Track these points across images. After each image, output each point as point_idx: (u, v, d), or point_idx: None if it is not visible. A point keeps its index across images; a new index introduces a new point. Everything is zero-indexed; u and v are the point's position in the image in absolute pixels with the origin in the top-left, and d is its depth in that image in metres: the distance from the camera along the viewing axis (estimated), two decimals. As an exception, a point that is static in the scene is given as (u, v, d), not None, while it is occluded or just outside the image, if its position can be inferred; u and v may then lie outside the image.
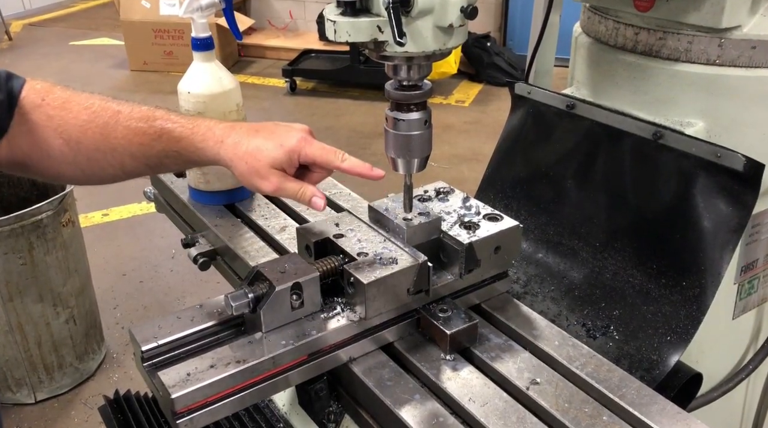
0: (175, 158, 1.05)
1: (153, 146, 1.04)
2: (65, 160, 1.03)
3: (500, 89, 5.61)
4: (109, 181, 1.10)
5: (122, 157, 1.04)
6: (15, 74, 1.03)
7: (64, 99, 1.04)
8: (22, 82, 1.03)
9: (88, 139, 1.03)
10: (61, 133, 1.02)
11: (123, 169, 1.06)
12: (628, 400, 0.93)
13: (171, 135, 1.03)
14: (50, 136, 1.02)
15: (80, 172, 1.06)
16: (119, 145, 1.03)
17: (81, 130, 1.03)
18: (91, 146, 1.03)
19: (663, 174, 1.20)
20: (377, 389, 0.96)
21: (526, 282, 1.33)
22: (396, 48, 0.87)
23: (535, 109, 1.43)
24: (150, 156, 1.04)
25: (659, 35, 1.20)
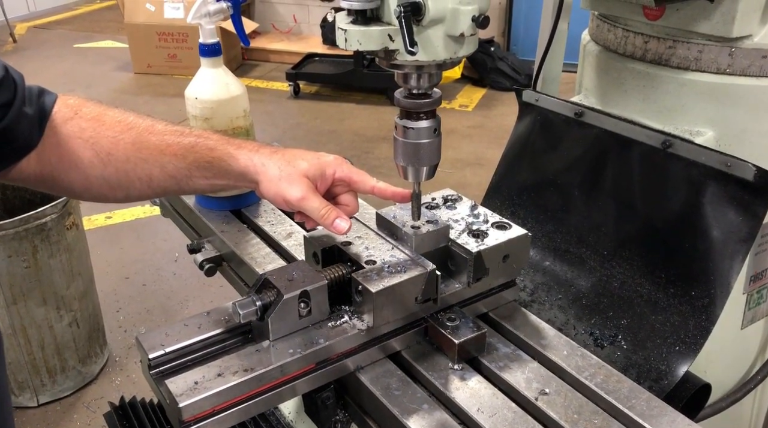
0: (206, 170, 1.04)
1: (185, 157, 1.03)
2: (94, 172, 1.02)
3: (504, 94, 5.62)
4: (134, 196, 1.07)
5: (152, 169, 1.03)
6: (47, 90, 1.02)
7: (98, 112, 1.04)
8: (54, 98, 1.02)
9: (119, 150, 1.02)
10: (93, 144, 1.02)
11: (150, 184, 1.04)
12: (638, 411, 0.92)
13: (206, 144, 1.04)
14: (81, 147, 1.01)
15: (107, 187, 1.04)
16: (150, 156, 1.03)
17: (113, 142, 1.02)
18: (122, 157, 1.02)
19: (672, 183, 1.19)
20: (385, 398, 0.96)
21: (533, 291, 1.32)
22: (407, 57, 0.86)
23: (542, 117, 1.42)
24: (180, 168, 1.03)
25: (669, 44, 1.19)
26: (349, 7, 0.87)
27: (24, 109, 0.95)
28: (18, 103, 0.94)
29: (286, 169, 1.02)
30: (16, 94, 0.94)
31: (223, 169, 1.04)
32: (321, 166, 1.03)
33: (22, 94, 0.95)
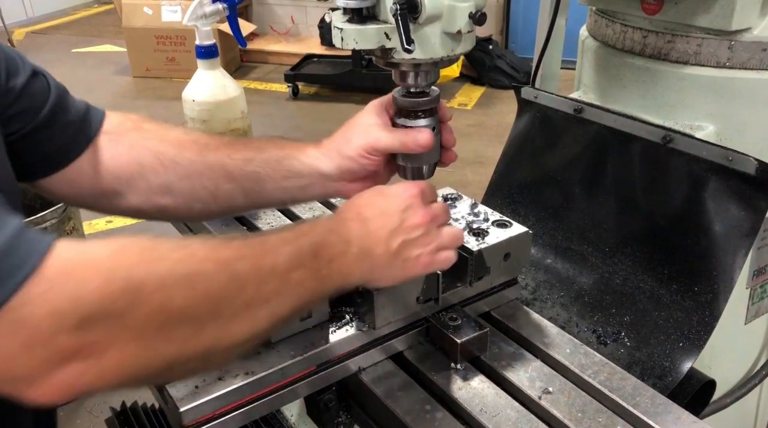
0: (275, 169, 0.99)
1: (252, 159, 1.00)
2: (156, 180, 1.00)
3: (503, 92, 5.60)
4: (197, 209, 1.03)
5: (217, 177, 1.00)
6: (93, 107, 1.03)
7: (161, 125, 1.05)
8: (102, 115, 1.03)
9: (183, 157, 1.00)
10: (157, 152, 1.00)
11: (215, 193, 1.00)
12: (643, 409, 0.91)
13: (274, 144, 1.02)
14: (144, 155, 1.00)
15: (169, 196, 1.01)
16: (215, 162, 1.00)
17: (177, 149, 1.00)
18: (186, 163, 1.00)
19: (673, 178, 1.19)
20: (387, 399, 0.95)
21: (535, 289, 1.32)
22: (404, 55, 0.86)
23: (542, 114, 1.42)
24: (247, 173, 0.99)
25: (668, 38, 1.19)
26: (345, 5, 0.86)
27: (58, 117, 0.95)
28: (50, 108, 0.94)
29: (347, 132, 0.99)
30: (49, 98, 0.95)
31: (294, 166, 1.00)
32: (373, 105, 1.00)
33: (58, 101, 0.96)
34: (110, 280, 0.62)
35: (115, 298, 0.62)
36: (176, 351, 0.68)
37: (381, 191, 0.92)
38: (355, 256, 0.85)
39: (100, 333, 0.62)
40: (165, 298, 0.66)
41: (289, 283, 0.77)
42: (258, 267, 0.75)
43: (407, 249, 0.88)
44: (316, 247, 0.81)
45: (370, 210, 0.88)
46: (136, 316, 0.64)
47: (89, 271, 0.62)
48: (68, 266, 0.62)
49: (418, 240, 0.88)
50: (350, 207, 0.90)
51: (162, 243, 0.70)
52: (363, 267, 0.86)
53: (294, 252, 0.78)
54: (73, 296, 0.60)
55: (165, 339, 0.67)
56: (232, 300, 0.72)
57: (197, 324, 0.69)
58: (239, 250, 0.75)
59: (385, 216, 0.88)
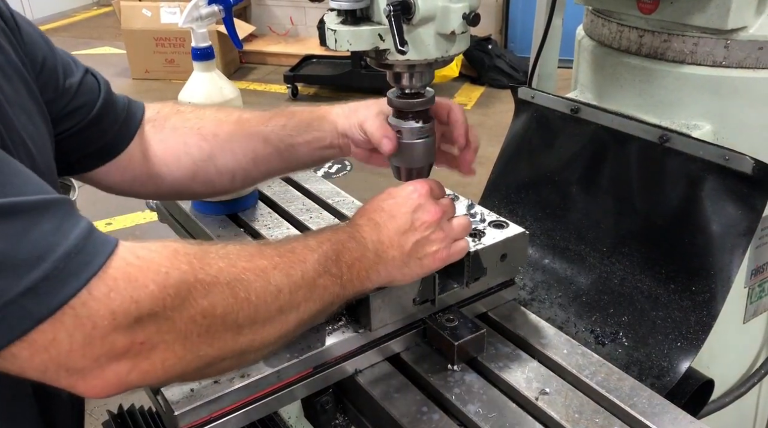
0: (306, 131, 1.09)
1: (286, 124, 1.09)
2: (201, 154, 1.08)
3: (502, 92, 5.60)
4: (240, 177, 1.12)
5: (256, 144, 1.09)
6: (133, 100, 1.12)
7: (196, 108, 1.15)
8: (142, 107, 1.13)
9: (223, 130, 1.09)
10: (199, 128, 1.09)
11: (255, 158, 1.09)
12: (640, 410, 0.91)
13: (302, 110, 1.11)
14: (186, 134, 1.09)
15: (212, 167, 1.09)
16: (253, 129, 1.09)
17: (217, 123, 1.09)
18: (226, 136, 1.08)
19: (670, 178, 1.18)
20: (384, 401, 0.95)
21: (532, 289, 1.31)
22: (398, 56, 0.85)
23: (539, 114, 1.41)
24: (282, 136, 1.08)
25: (664, 37, 1.18)
26: (338, 7, 0.86)
27: (108, 112, 1.04)
28: (101, 104, 1.02)
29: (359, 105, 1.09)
30: (100, 94, 1.03)
31: (322, 126, 1.09)
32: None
33: (107, 97, 1.04)
34: (164, 286, 0.67)
35: (167, 302, 0.67)
36: (215, 353, 0.73)
37: (390, 193, 0.95)
38: (372, 261, 0.89)
39: (150, 333, 0.67)
40: (210, 304, 0.71)
41: (316, 289, 0.82)
42: (290, 276, 0.79)
43: (422, 247, 0.91)
44: (337, 254, 0.86)
45: (381, 214, 0.92)
46: (184, 320, 0.69)
47: (147, 276, 0.67)
48: (129, 270, 0.66)
49: (431, 236, 0.92)
50: (363, 213, 0.94)
51: (207, 251, 0.75)
52: (380, 270, 0.90)
53: (319, 259, 0.83)
54: (131, 298, 0.65)
55: (207, 342, 0.72)
56: (268, 307, 0.77)
57: (236, 328, 0.74)
58: (273, 260, 0.79)
59: (395, 218, 0.91)
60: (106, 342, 0.64)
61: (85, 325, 0.63)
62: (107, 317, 0.64)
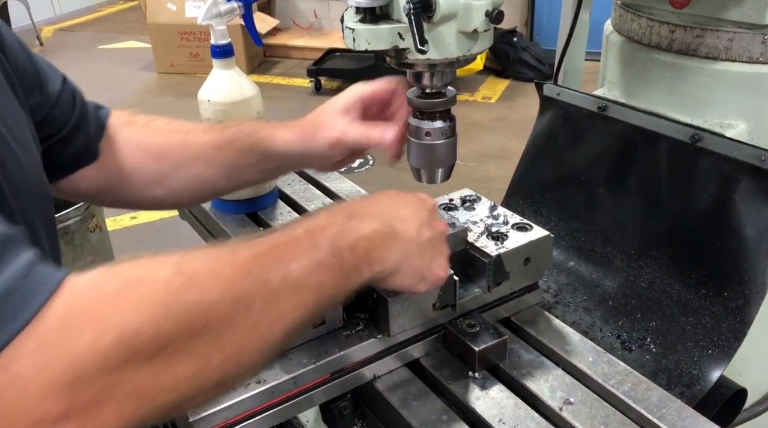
0: (250, 156, 1.05)
1: (229, 146, 1.05)
2: (149, 173, 1.06)
3: (527, 85, 5.52)
4: (187, 197, 1.11)
5: (201, 167, 1.06)
6: (99, 105, 1.09)
7: (150, 119, 1.11)
8: (108, 112, 1.09)
9: (168, 150, 1.06)
10: (146, 146, 1.07)
11: (201, 179, 1.07)
12: (669, 422, 0.88)
13: (247, 130, 1.05)
14: (135, 150, 1.07)
15: (161, 189, 1.07)
16: (197, 152, 1.06)
17: (162, 142, 1.07)
18: (172, 157, 1.06)
19: (702, 179, 1.14)
20: (402, 408, 0.93)
21: (557, 292, 1.28)
22: (418, 55, 0.83)
23: (564, 111, 1.37)
24: (227, 158, 1.05)
25: (697, 33, 1.14)
26: (357, 4, 0.84)
27: (84, 119, 1.03)
28: (77, 113, 1.01)
29: (319, 118, 1.02)
30: (75, 105, 1.02)
31: (267, 150, 1.04)
32: (347, 93, 1.02)
33: (82, 106, 1.03)
34: (104, 332, 0.55)
35: (109, 352, 0.55)
36: (181, 395, 0.61)
37: (400, 193, 0.89)
38: (386, 236, 0.79)
39: (94, 391, 0.54)
40: (163, 343, 0.58)
41: (305, 290, 0.70)
42: (265, 283, 0.66)
43: (434, 246, 0.85)
44: (335, 239, 0.74)
45: (397, 202, 0.85)
46: (133, 367, 0.56)
47: (84, 322, 0.55)
48: (68, 317, 0.55)
49: (441, 244, 0.88)
50: (375, 195, 0.88)
51: (159, 269, 0.62)
52: (394, 248, 0.79)
53: (308, 252, 0.71)
54: (64, 353, 0.53)
55: (167, 386, 0.59)
56: (239, 327, 0.63)
57: (201, 360, 0.61)
58: (243, 266, 0.66)
59: (414, 207, 0.85)
60: (40, 408, 0.52)
61: (12, 389, 0.52)
62: (36, 379, 0.52)
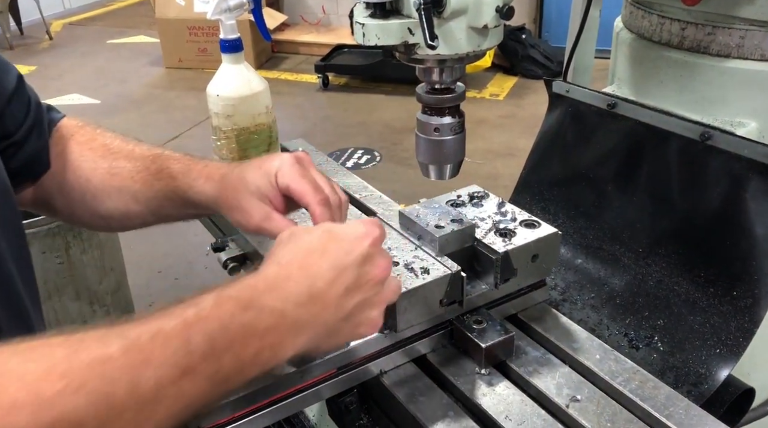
0: (172, 200, 0.96)
1: (153, 185, 0.96)
2: (75, 197, 1.00)
3: (536, 82, 5.51)
4: (115, 225, 1.04)
5: (126, 198, 0.99)
6: (54, 109, 1.04)
7: (90, 136, 1.03)
8: (58, 119, 1.03)
9: (96, 177, 0.99)
10: (75, 169, 1.00)
11: (128, 214, 1.00)
12: (676, 420, 0.87)
13: (169, 172, 0.96)
14: (66, 170, 1.00)
15: (89, 214, 1.02)
16: (123, 184, 0.98)
17: (92, 167, 1.00)
18: (99, 185, 0.99)
19: (712, 177, 1.13)
20: (409, 404, 0.93)
21: (564, 289, 1.28)
22: (427, 51, 0.83)
23: (574, 109, 1.37)
24: (150, 197, 0.97)
25: (708, 30, 1.13)
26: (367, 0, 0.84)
27: (37, 124, 0.96)
28: (32, 118, 0.95)
29: (235, 195, 0.87)
30: (29, 110, 0.95)
31: (188, 202, 0.94)
32: (264, 175, 0.86)
33: (38, 107, 0.97)
34: None
35: None
36: None
37: (333, 234, 0.73)
38: (290, 327, 0.67)
39: None
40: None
41: (158, 405, 0.58)
42: (103, 398, 0.54)
43: (363, 310, 0.73)
44: (215, 337, 0.62)
45: (320, 261, 0.70)
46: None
47: None
48: None
49: (375, 298, 0.74)
50: (290, 257, 0.71)
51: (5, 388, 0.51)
52: (299, 340, 0.69)
53: (173, 355, 0.59)
54: None
55: None
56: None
57: None
58: (78, 376, 0.53)
59: (339, 269, 0.70)
60: None
61: None
62: None
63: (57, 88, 5.63)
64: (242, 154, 1.32)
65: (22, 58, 6.54)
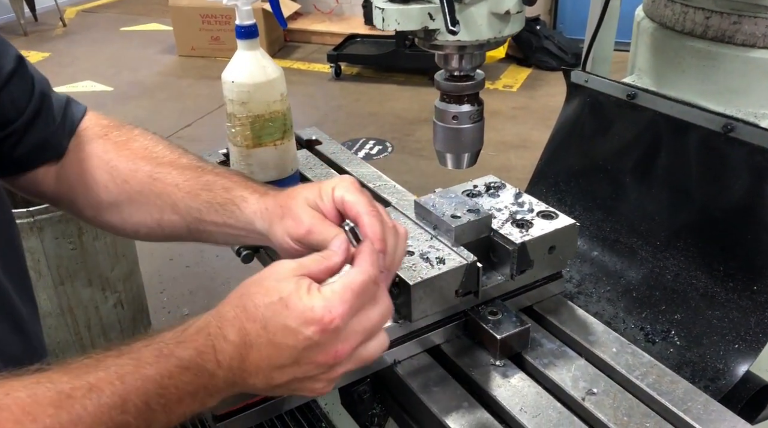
0: (216, 212, 0.91)
1: (199, 195, 0.92)
2: (107, 198, 0.96)
3: (549, 74, 5.46)
4: (143, 233, 0.99)
5: (164, 205, 0.94)
6: (75, 101, 1.00)
7: (128, 137, 0.99)
8: (83, 110, 1.00)
9: (135, 179, 0.95)
10: (112, 168, 0.96)
11: (160, 222, 0.95)
12: (694, 415, 0.86)
13: (222, 184, 0.93)
14: (100, 168, 0.96)
15: (118, 217, 0.98)
16: (164, 190, 0.94)
17: (131, 169, 0.96)
18: (136, 187, 0.95)
19: (733, 169, 1.11)
20: (422, 394, 0.92)
21: (579, 282, 1.26)
22: (448, 37, 0.81)
23: (592, 99, 1.35)
24: (192, 208, 0.92)
25: (733, 19, 1.11)
26: (387, -16, 0.82)
27: (45, 111, 0.93)
28: (35, 103, 0.91)
29: (288, 203, 0.84)
30: (33, 92, 0.92)
31: (233, 215, 0.90)
32: (318, 188, 0.84)
33: (42, 95, 0.93)
34: None
35: None
36: None
37: (287, 303, 0.68)
38: (222, 387, 0.68)
39: None
40: None
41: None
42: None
43: (299, 383, 0.72)
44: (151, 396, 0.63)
45: (261, 332, 0.67)
46: None
47: None
48: None
49: (320, 376, 0.71)
50: (236, 316, 0.69)
51: None
52: (229, 393, 0.70)
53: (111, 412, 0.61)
54: None
55: None
56: None
57: None
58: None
59: (276, 347, 0.67)
60: None
61: None
62: None
63: (70, 74, 5.64)
64: (256, 141, 1.31)
65: (35, 44, 6.57)
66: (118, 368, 0.63)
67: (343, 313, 0.67)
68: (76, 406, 0.59)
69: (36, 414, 0.57)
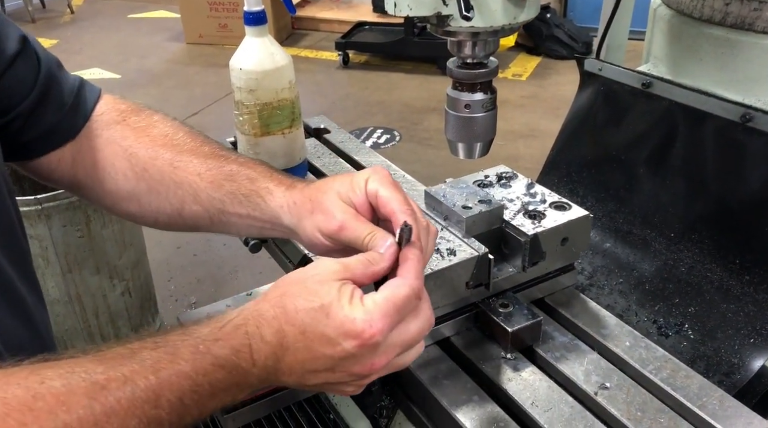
0: (240, 204, 0.88)
1: (222, 186, 0.89)
2: (126, 185, 0.93)
3: (559, 63, 5.41)
4: (163, 222, 0.96)
5: (185, 195, 0.91)
6: (90, 83, 0.97)
7: (147, 123, 0.96)
8: (97, 93, 0.97)
9: (155, 167, 0.92)
10: (131, 155, 0.93)
11: (181, 212, 0.92)
12: (710, 411, 0.85)
13: (246, 174, 0.90)
14: (118, 155, 0.93)
15: (137, 205, 0.95)
16: (185, 179, 0.91)
17: (151, 156, 0.92)
18: (156, 176, 0.91)
19: (751, 160, 1.09)
20: (432, 387, 0.91)
21: (591, 274, 1.25)
22: (461, 22, 0.79)
23: (606, 87, 1.32)
24: (213, 199, 0.89)
25: (754, 5, 1.08)
26: (400, -32, 0.80)
27: (52, 93, 0.90)
28: (41, 85, 0.88)
29: (319, 197, 0.81)
30: (38, 75, 0.89)
31: (258, 206, 0.87)
32: (350, 181, 0.80)
33: (49, 75, 0.90)
34: None
35: None
36: None
37: (328, 311, 0.66)
38: (254, 383, 0.68)
39: None
40: None
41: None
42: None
43: (330, 386, 0.71)
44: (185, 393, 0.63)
45: (299, 337, 0.67)
46: None
47: None
48: None
49: (353, 383, 0.71)
50: (275, 316, 0.68)
51: None
52: (259, 387, 0.70)
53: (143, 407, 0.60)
54: None
55: None
56: None
57: None
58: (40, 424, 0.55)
59: (313, 353, 0.66)
60: None
61: None
62: None
63: (78, 62, 5.63)
64: (264, 129, 1.29)
65: (43, 31, 6.56)
66: (154, 362, 0.62)
67: (383, 328, 0.66)
68: (110, 398, 0.59)
69: (70, 404, 0.57)
